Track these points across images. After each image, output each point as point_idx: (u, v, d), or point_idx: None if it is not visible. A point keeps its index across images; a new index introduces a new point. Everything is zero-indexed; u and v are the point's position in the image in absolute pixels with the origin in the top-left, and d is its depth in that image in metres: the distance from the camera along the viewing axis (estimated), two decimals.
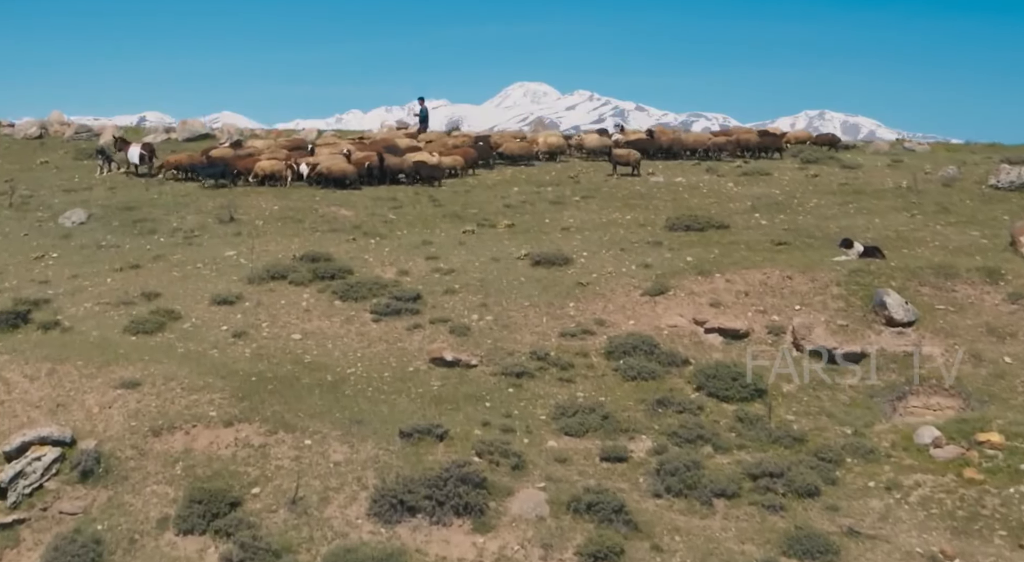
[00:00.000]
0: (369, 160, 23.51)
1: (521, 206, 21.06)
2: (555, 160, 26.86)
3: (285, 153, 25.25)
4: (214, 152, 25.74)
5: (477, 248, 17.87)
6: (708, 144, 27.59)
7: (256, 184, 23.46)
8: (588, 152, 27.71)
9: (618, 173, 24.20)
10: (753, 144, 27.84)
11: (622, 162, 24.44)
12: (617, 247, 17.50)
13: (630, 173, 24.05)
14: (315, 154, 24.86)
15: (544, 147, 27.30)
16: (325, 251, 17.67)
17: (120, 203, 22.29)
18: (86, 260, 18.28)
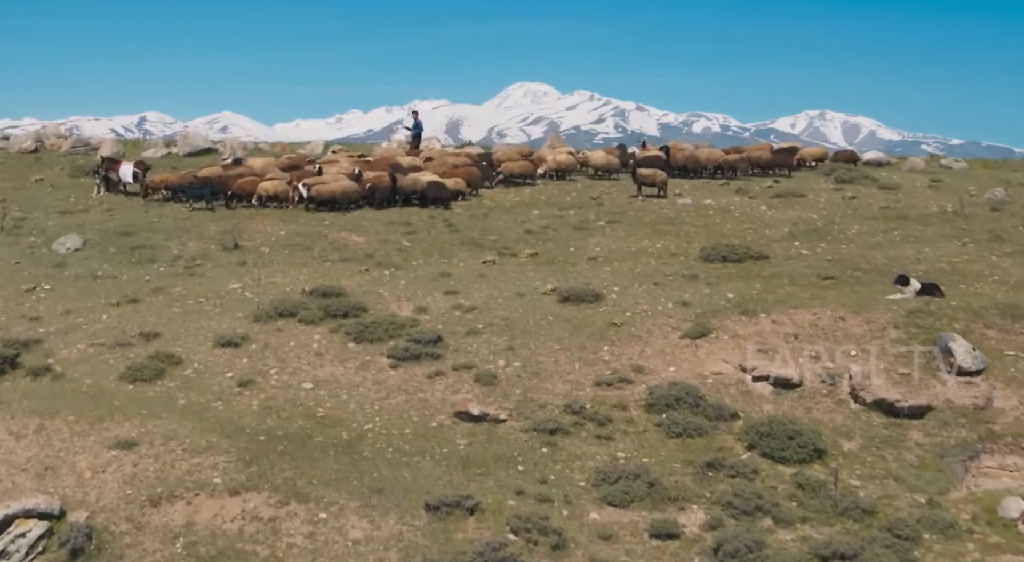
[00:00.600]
0: (381, 181, 22.42)
1: (543, 232, 19.98)
2: (564, 179, 25.68)
3: (284, 172, 24.22)
4: (204, 171, 24.65)
5: (499, 281, 16.79)
6: (720, 162, 26.45)
7: (259, 206, 22.36)
8: (595, 170, 26.54)
9: (642, 194, 23.11)
10: (765, 161, 26.80)
11: (647, 183, 23.36)
12: (650, 281, 16.40)
13: (656, 195, 22.97)
14: (322, 173, 23.74)
15: (553, 166, 26.12)
16: (336, 284, 16.62)
17: (118, 227, 21.23)
18: (81, 293, 17.23)
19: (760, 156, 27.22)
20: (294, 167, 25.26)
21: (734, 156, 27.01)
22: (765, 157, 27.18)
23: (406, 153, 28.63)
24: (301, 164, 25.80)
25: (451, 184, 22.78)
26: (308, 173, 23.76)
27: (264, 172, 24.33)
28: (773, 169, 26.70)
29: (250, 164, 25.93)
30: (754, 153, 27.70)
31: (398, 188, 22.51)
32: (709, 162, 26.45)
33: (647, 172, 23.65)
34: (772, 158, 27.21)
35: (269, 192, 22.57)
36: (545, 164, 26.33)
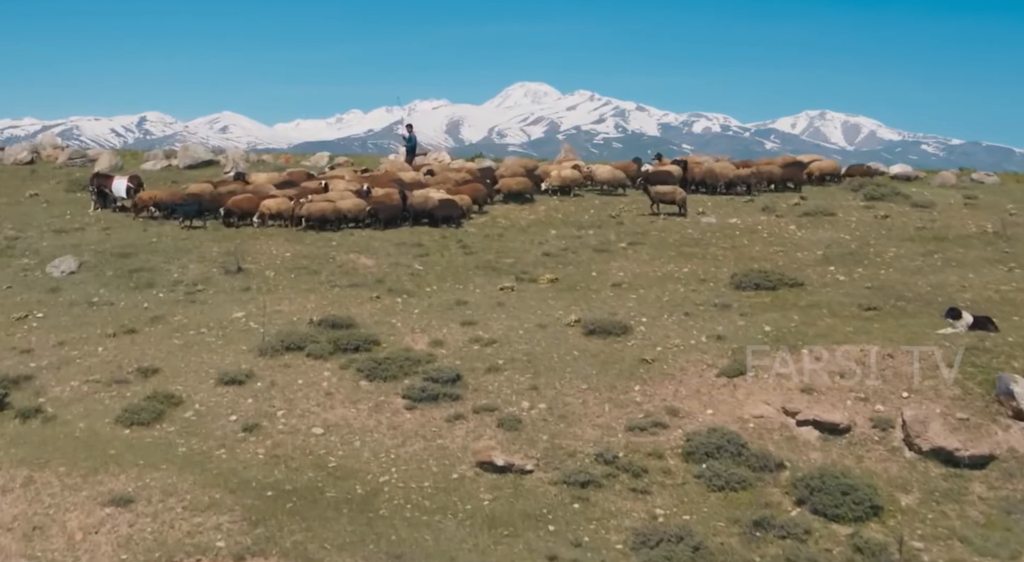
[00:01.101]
0: (390, 198, 21.55)
1: (562, 254, 19.09)
2: (569, 195, 24.77)
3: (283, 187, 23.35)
4: (193, 187, 23.80)
5: (519, 310, 15.89)
6: (732, 177, 25.55)
7: (260, 225, 21.47)
8: (601, 185, 25.64)
9: (662, 213, 22.21)
10: (776, 176, 25.94)
11: (666, 200, 22.46)
12: (680, 310, 15.50)
13: (676, 213, 22.08)
14: (328, 189, 22.87)
15: (557, 182, 25.17)
16: (346, 314, 15.75)
17: (115, 247, 20.37)
18: (75, 322, 16.38)
19: (771, 171, 26.27)
20: (289, 183, 24.26)
21: (746, 171, 26.05)
22: (776, 172, 26.27)
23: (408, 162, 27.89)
24: (300, 179, 24.90)
25: (457, 201, 21.90)
26: (313, 190, 22.88)
27: (261, 190, 23.40)
28: (785, 185, 25.94)
29: (253, 179, 25.07)
30: (764, 167, 26.73)
31: (408, 206, 21.61)
32: (722, 178, 25.53)
33: (665, 190, 22.74)
34: (783, 172, 26.33)
35: (272, 210, 21.70)
36: (549, 179, 25.40)
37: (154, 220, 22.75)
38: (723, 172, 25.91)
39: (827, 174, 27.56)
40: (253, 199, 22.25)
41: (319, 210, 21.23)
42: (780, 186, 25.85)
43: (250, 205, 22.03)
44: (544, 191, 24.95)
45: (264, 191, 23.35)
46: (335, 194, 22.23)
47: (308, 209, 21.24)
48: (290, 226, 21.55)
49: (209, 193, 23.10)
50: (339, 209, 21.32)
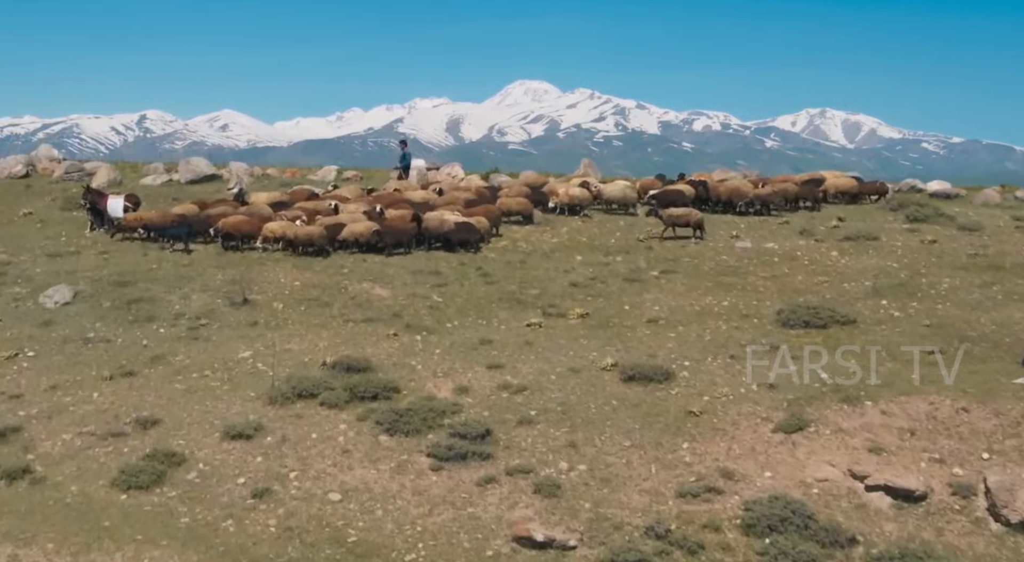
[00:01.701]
0: (404, 221, 20.39)
1: (591, 285, 17.93)
2: (576, 214, 23.65)
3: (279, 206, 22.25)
4: (177, 209, 22.71)
5: (549, 350, 14.75)
6: (752, 196, 24.38)
7: (262, 250, 20.33)
8: (608, 203, 24.55)
9: (675, 233, 21.04)
10: (792, 194, 24.78)
11: (680, 223, 21.26)
12: (724, 352, 14.36)
13: (692, 236, 20.91)
14: (339, 211, 21.70)
15: (566, 200, 24.04)
16: (362, 355, 14.63)
17: (113, 274, 19.25)
18: (69, 361, 15.27)
19: (786, 189, 25.08)
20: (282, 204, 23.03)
21: (767, 190, 24.80)
22: (791, 190, 25.09)
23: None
24: (301, 198, 23.71)
25: (475, 225, 20.71)
26: (320, 211, 21.73)
27: (258, 211, 22.15)
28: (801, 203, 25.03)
29: (252, 199, 23.79)
30: (780, 185, 25.50)
31: (423, 230, 20.44)
32: (741, 197, 24.36)
33: (679, 212, 21.52)
34: (799, 190, 25.23)
35: (276, 234, 20.49)
36: (556, 198, 24.28)
37: (153, 243, 21.58)
38: (742, 191, 24.71)
39: (843, 192, 26.26)
40: (249, 222, 21.08)
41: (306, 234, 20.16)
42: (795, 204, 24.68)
43: (249, 228, 20.89)
44: (552, 210, 23.81)
45: (261, 212, 22.14)
46: (346, 216, 21.07)
47: (295, 233, 20.11)
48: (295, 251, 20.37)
49: (196, 214, 21.94)
50: (322, 234, 20.17)
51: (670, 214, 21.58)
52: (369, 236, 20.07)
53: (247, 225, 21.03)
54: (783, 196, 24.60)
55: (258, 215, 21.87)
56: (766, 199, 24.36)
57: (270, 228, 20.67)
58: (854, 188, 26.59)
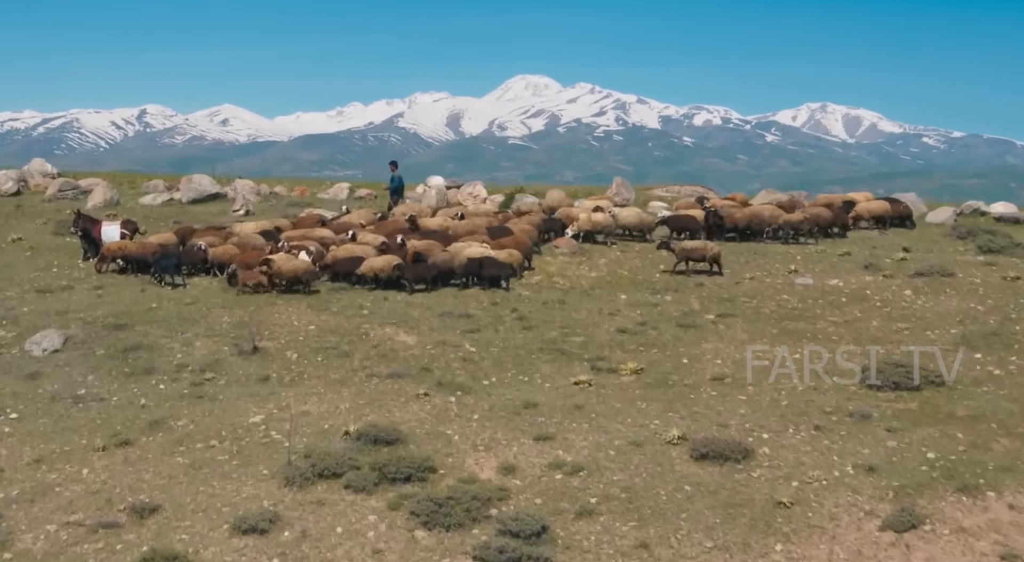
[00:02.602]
0: (431, 250, 18.62)
1: (641, 331, 16.17)
2: (594, 241, 21.96)
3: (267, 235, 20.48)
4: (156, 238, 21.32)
5: (603, 416, 13.02)
6: (782, 222, 22.58)
7: (270, 288, 18.52)
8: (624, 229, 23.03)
9: (689, 270, 19.25)
10: (824, 220, 23.04)
11: (695, 258, 19.48)
12: (807, 421, 12.61)
13: (708, 271, 19.24)
14: (356, 240, 19.92)
15: (587, 226, 22.27)
16: (389, 421, 12.94)
17: (108, 315, 17.53)
18: (57, 426, 13.58)
19: (818, 214, 23.35)
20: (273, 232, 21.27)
21: (797, 216, 22.97)
22: (824, 216, 23.35)
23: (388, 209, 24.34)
24: (310, 225, 21.90)
25: (504, 257, 18.86)
26: (331, 241, 19.90)
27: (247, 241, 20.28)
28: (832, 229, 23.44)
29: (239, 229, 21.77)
30: (811, 210, 23.71)
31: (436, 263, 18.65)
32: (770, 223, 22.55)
33: (693, 245, 19.79)
34: (831, 217, 23.59)
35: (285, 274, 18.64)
36: (576, 224, 22.52)
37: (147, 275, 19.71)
38: (772, 217, 22.81)
39: (876, 217, 24.38)
40: (236, 254, 19.32)
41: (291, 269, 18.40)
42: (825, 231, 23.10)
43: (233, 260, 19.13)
44: (573, 236, 22.06)
45: (249, 243, 20.26)
46: (358, 247, 19.22)
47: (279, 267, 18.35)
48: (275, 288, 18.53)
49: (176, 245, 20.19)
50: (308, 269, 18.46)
51: (683, 248, 19.82)
52: (390, 272, 18.29)
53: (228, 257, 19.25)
54: (815, 222, 22.75)
55: (251, 246, 20.02)
56: (797, 227, 22.47)
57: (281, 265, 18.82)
58: (887, 212, 24.74)
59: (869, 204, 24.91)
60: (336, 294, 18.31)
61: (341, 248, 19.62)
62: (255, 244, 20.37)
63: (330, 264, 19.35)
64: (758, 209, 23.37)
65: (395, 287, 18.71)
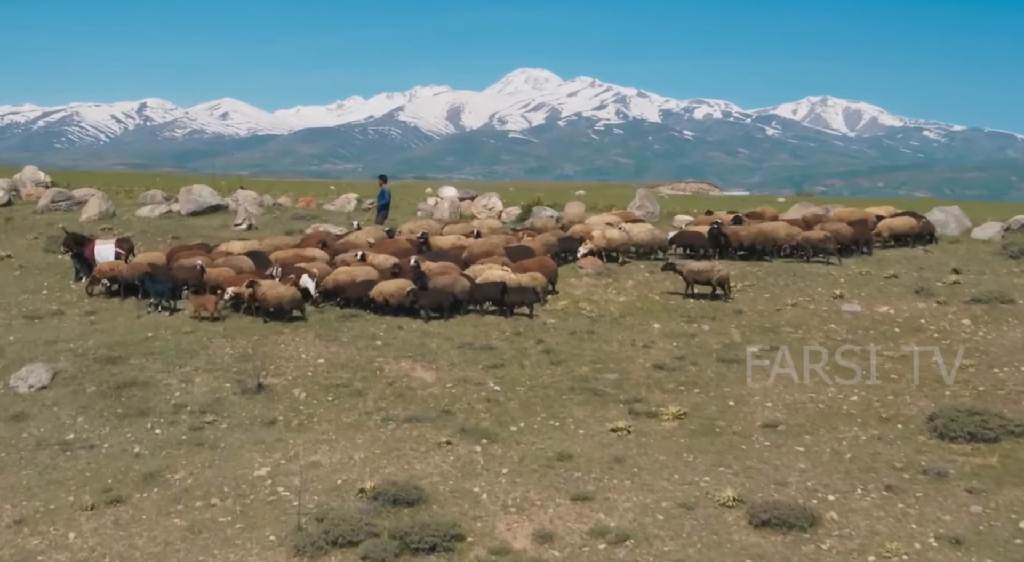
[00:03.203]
0: (447, 273, 17.28)
1: (680, 367, 14.87)
2: (614, 260, 20.74)
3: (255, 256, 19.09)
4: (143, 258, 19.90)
5: (646, 471, 11.80)
6: (799, 240, 21.29)
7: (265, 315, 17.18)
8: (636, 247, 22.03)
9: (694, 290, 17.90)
10: (845, 236, 21.78)
11: (701, 281, 18.19)
12: (875, 480, 11.36)
13: (712, 294, 17.99)
14: (366, 260, 18.58)
15: (602, 244, 20.95)
16: (409, 476, 11.76)
17: (100, 346, 16.25)
18: (41, 479, 12.41)
19: (839, 231, 22.00)
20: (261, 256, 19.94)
21: (817, 234, 21.57)
22: (844, 232, 21.99)
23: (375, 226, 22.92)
24: (315, 243, 20.49)
25: (527, 281, 17.49)
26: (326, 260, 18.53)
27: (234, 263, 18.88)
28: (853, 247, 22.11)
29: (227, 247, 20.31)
30: (831, 226, 22.32)
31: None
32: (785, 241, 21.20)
33: (699, 267, 18.50)
34: (852, 233, 22.28)
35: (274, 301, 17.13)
36: (591, 242, 21.24)
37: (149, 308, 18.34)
38: (789, 235, 21.39)
39: (900, 234, 23.04)
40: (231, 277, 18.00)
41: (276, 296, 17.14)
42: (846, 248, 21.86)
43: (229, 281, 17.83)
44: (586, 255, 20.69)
45: (238, 265, 18.96)
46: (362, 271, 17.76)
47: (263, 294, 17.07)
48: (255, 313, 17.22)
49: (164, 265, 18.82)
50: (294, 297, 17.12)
51: (690, 269, 18.51)
52: (403, 298, 16.95)
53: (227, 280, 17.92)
54: (835, 240, 21.41)
55: (236, 268, 18.63)
56: (816, 245, 21.12)
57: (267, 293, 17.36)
58: (913, 229, 23.31)
59: (892, 221, 23.51)
60: (347, 322, 16.99)
61: (341, 271, 18.22)
62: (242, 267, 18.88)
63: (330, 289, 17.96)
64: (767, 227, 21.87)
65: (407, 313, 17.41)
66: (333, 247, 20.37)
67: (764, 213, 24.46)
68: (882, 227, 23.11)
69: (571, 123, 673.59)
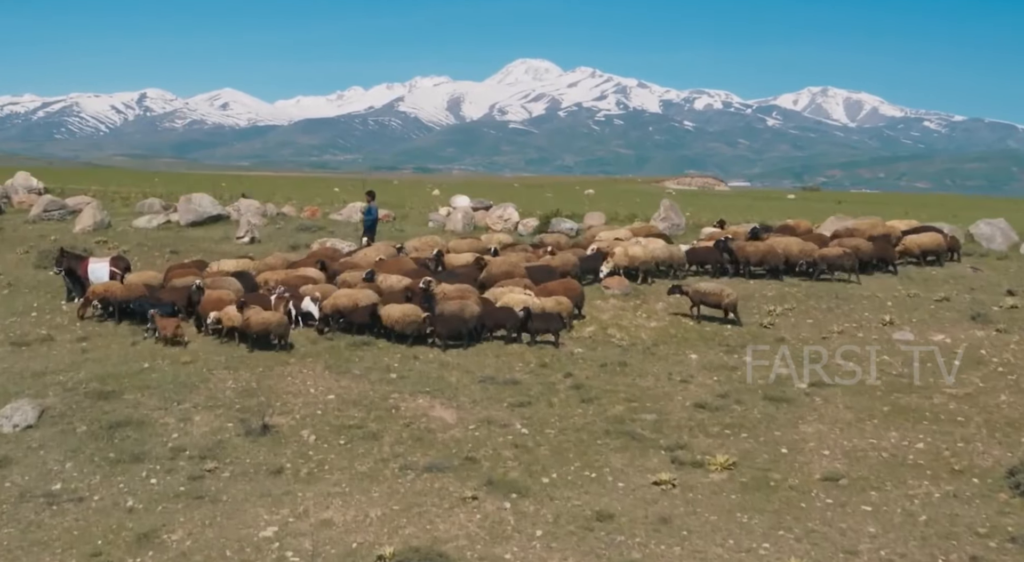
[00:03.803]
0: (466, 296, 15.96)
1: (723, 406, 13.62)
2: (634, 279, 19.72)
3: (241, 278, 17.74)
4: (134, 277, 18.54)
5: (697, 534, 10.58)
6: (815, 257, 20.23)
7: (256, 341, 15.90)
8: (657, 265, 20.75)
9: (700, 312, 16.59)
10: (866, 253, 20.59)
11: (709, 303, 16.94)
12: (959, 549, 10.29)
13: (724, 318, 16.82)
14: (374, 280, 17.26)
15: (624, 262, 19.84)
16: (432, 540, 10.74)
17: (92, 379, 15.06)
18: (24, 540, 11.26)
19: (859, 247, 20.70)
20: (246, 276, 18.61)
21: (835, 250, 20.29)
22: (865, 248, 20.73)
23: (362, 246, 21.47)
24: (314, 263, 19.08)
25: (552, 306, 16.17)
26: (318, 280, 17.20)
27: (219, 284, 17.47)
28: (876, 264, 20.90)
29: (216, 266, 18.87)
30: (849, 241, 21.01)
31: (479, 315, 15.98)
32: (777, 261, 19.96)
33: (708, 289, 17.27)
34: (875, 250, 21.00)
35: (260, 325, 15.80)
36: (612, 261, 19.96)
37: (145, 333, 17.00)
38: (803, 252, 20.11)
39: (928, 251, 21.72)
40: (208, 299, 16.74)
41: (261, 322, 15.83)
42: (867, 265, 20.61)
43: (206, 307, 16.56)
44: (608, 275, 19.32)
45: (224, 287, 17.67)
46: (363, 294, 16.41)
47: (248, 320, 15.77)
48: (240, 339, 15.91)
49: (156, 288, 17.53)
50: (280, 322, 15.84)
51: (696, 290, 17.25)
52: (412, 326, 15.62)
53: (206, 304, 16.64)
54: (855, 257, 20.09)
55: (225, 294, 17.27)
56: (834, 262, 19.94)
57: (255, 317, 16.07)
58: (941, 246, 21.88)
59: (919, 237, 22.08)
60: (358, 351, 15.72)
61: (342, 294, 16.91)
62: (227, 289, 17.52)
63: (330, 313, 16.65)
64: (779, 243, 20.53)
65: (419, 340, 16.13)
66: (333, 268, 18.90)
67: (797, 226, 23.10)
68: (909, 244, 21.78)
69: (571, 114, 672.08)
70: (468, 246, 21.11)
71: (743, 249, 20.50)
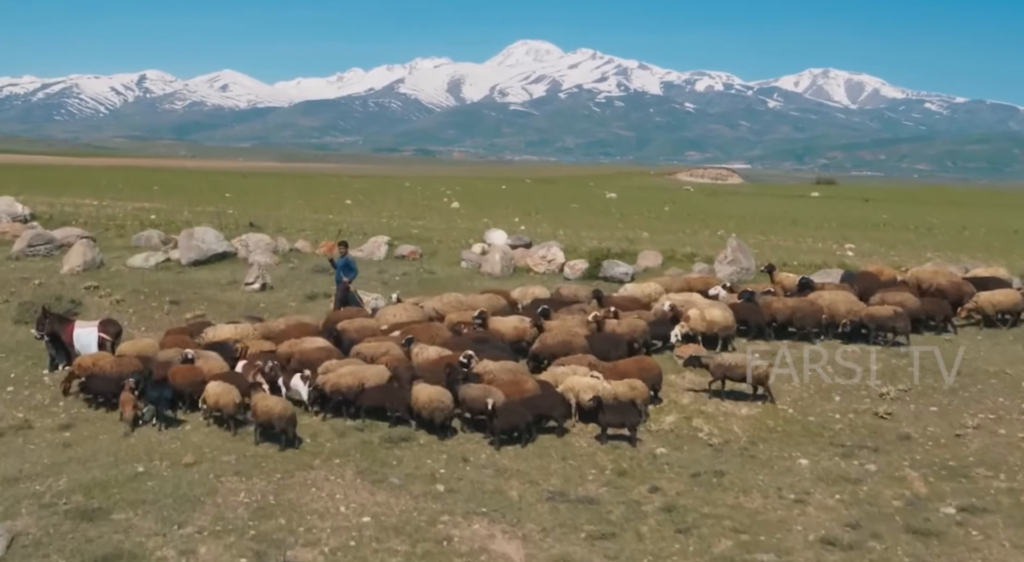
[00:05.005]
0: (521, 387, 13.21)
1: (858, 543, 11.09)
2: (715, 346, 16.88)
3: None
4: (128, 347, 15.67)
5: None
6: (864, 316, 17.42)
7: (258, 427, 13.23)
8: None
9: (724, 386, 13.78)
10: (914, 310, 17.91)
11: (734, 377, 14.32)
12: None
13: (753, 393, 14.11)
14: (412, 346, 14.46)
15: (701, 327, 17.06)
16: None
17: (75, 488, 12.54)
18: None
19: (905, 303, 17.86)
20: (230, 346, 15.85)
21: (885, 311, 17.37)
22: (911, 305, 17.90)
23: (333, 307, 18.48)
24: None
25: (625, 391, 13.29)
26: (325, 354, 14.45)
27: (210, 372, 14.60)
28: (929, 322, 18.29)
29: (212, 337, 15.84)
30: (895, 296, 18.09)
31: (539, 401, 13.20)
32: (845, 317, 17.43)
33: (732, 361, 14.72)
34: (931, 307, 18.32)
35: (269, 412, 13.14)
36: (687, 324, 16.96)
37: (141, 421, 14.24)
38: (850, 311, 17.46)
39: (1003, 312, 18.77)
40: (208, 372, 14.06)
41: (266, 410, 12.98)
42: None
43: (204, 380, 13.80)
44: (680, 341, 16.43)
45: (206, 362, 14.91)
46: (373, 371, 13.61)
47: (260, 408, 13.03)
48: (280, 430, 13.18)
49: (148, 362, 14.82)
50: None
51: (719, 364, 14.53)
52: (438, 412, 12.86)
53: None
54: (908, 316, 17.32)
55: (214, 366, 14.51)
56: (883, 323, 17.17)
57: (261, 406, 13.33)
58: (1018, 305, 18.84)
59: (994, 295, 18.83)
60: (395, 449, 13.01)
61: (346, 372, 14.27)
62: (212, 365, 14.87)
63: (329, 394, 13.90)
64: (817, 300, 17.83)
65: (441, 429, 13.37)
66: (350, 334, 15.90)
67: (881, 272, 20.27)
68: (983, 303, 18.62)
69: (572, 95, 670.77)
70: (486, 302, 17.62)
71: (769, 305, 17.75)
